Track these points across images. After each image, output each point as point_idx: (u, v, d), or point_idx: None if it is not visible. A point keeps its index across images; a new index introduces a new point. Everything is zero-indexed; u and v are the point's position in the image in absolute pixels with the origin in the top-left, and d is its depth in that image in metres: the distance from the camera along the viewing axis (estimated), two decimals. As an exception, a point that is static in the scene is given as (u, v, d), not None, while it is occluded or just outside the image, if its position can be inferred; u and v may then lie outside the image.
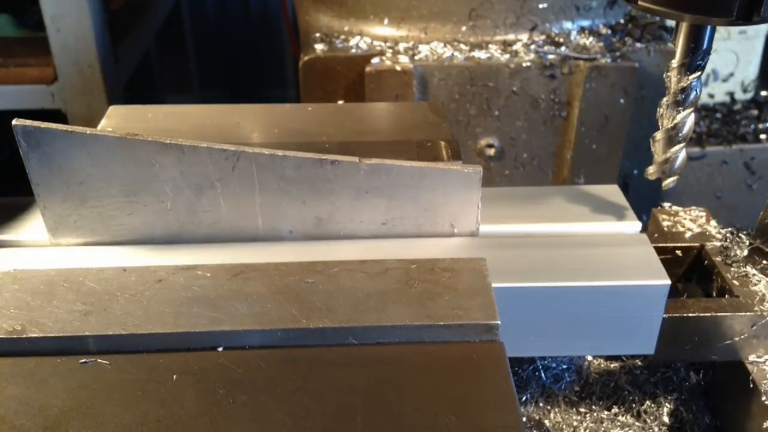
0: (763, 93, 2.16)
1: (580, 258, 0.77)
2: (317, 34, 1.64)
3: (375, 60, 1.51)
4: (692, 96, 0.72)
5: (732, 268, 0.82)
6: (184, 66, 3.14)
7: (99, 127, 0.91)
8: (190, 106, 1.01)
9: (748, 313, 0.77)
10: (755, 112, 2.11)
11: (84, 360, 0.61)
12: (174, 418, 0.55)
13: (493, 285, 0.69)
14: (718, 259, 0.83)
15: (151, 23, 2.59)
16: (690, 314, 0.77)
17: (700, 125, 2.07)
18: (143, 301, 0.65)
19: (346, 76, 1.55)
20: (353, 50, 1.56)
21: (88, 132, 0.72)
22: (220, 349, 0.63)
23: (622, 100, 1.60)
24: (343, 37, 1.62)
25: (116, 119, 0.95)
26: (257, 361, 0.62)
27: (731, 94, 2.14)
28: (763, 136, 1.99)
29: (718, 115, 2.11)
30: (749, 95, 2.14)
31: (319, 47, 1.58)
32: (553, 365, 0.89)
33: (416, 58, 1.53)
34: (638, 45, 1.61)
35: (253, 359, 0.62)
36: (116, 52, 2.14)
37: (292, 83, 3.22)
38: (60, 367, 0.60)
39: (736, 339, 0.78)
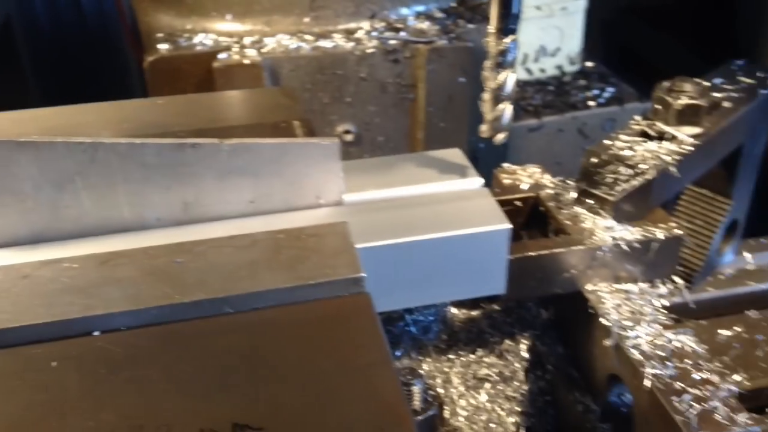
0: (588, 64, 2.36)
1: (433, 214, 0.84)
2: (159, 35, 1.63)
3: (222, 55, 1.52)
4: (510, 57, 0.81)
5: (564, 211, 0.92)
6: (21, 83, 2.98)
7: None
8: (36, 110, 0.99)
9: (580, 247, 0.87)
10: (583, 81, 2.30)
11: (-46, 362, 0.60)
12: (59, 401, 0.56)
13: (358, 246, 0.74)
14: (552, 204, 0.93)
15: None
16: (531, 253, 0.86)
17: (536, 98, 2.23)
18: (11, 297, 0.64)
19: (194, 74, 1.56)
20: (198, 47, 1.57)
21: (-69, 137, 0.70)
22: (97, 333, 0.64)
23: (462, 79, 1.71)
24: (186, 35, 1.62)
25: (-44, 128, 0.92)
26: (135, 339, 0.63)
27: (560, 67, 2.32)
28: (591, 103, 2.18)
29: (551, 88, 2.28)
30: (576, 67, 2.33)
31: (163, 47, 1.57)
32: (421, 318, 0.96)
33: (263, 51, 1.56)
34: (470, 26, 1.72)
35: (131, 338, 0.63)
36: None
37: (138, 88, 3.13)
38: (-71, 373, 0.59)
39: (573, 272, 0.88)
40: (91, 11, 3.06)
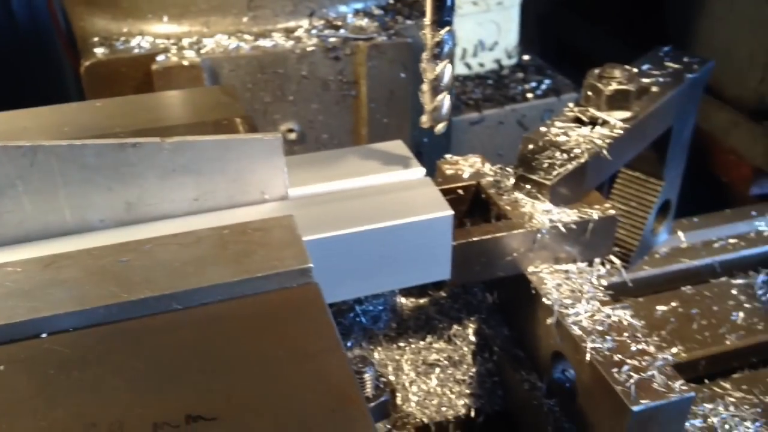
0: (525, 57, 2.41)
1: (377, 204, 0.86)
2: (95, 39, 1.61)
3: (160, 57, 1.51)
4: (446, 49, 0.83)
5: (504, 197, 0.95)
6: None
7: None
8: (-32, 117, 0.97)
9: (521, 231, 0.90)
10: (521, 74, 2.35)
11: None
12: (9, 403, 0.56)
13: (306, 238, 0.75)
14: (492, 191, 0.96)
15: None
16: (474, 239, 0.88)
17: (476, 92, 2.27)
18: (-47, 304, 0.64)
19: (133, 77, 1.54)
20: (136, 50, 1.55)
21: None
22: (44, 335, 0.63)
23: (402, 75, 1.73)
24: (123, 38, 1.60)
25: None
26: (84, 339, 0.63)
27: (498, 61, 2.36)
28: (529, 95, 2.24)
29: (490, 82, 2.32)
30: (513, 60, 2.38)
31: (100, 51, 1.55)
32: (370, 308, 0.97)
33: (202, 51, 1.55)
34: (408, 22, 1.75)
35: (79, 339, 0.63)
36: None
37: (74, 94, 3.06)
38: None
39: (515, 255, 0.91)
40: (23, 18, 2.98)
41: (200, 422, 0.55)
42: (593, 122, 0.99)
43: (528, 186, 0.93)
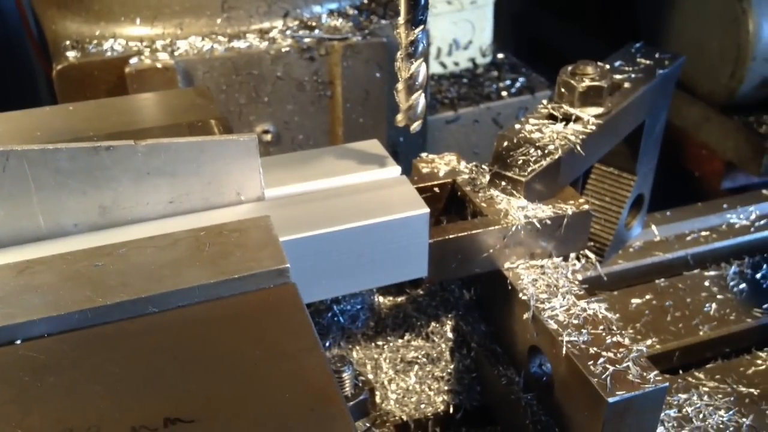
0: (499, 55, 2.43)
1: (354, 203, 0.86)
2: (67, 42, 1.59)
3: (133, 60, 1.50)
4: (420, 48, 0.84)
5: (479, 194, 0.95)
6: None
7: None
8: (-63, 122, 0.96)
9: (497, 227, 0.90)
10: (495, 73, 2.36)
11: None
12: (-19, 410, 0.55)
13: (283, 238, 0.75)
14: (468, 188, 0.97)
15: None
16: (450, 236, 0.89)
17: (451, 91, 2.28)
18: (-76, 311, 0.63)
19: (106, 80, 1.53)
20: (109, 53, 1.53)
21: None
22: (19, 341, 0.63)
23: (378, 74, 1.74)
24: (95, 41, 1.58)
25: None
26: (59, 345, 0.63)
27: (473, 60, 2.38)
28: (504, 93, 2.25)
29: (465, 80, 2.33)
30: (488, 59, 2.39)
31: (72, 54, 1.54)
32: (348, 307, 0.98)
33: (176, 54, 1.54)
34: (383, 22, 1.75)
35: (54, 345, 0.63)
36: None
37: (47, 99, 3.03)
38: None
39: (491, 251, 0.91)
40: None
41: (178, 425, 0.55)
42: (567, 119, 1.00)
43: (503, 183, 0.94)
